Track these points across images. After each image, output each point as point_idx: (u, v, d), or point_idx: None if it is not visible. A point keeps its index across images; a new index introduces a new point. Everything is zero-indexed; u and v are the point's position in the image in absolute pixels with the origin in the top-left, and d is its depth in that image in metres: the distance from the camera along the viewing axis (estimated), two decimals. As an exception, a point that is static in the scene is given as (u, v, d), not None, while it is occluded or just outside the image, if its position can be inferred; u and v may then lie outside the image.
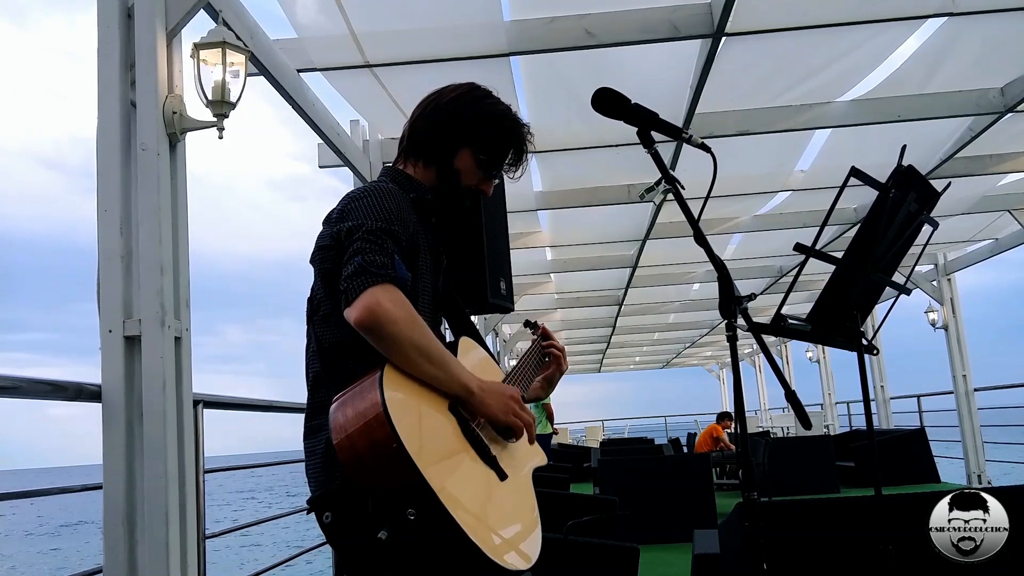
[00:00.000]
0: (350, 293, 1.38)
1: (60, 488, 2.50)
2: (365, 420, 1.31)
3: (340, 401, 1.37)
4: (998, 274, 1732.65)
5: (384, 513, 1.32)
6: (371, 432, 1.29)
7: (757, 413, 21.69)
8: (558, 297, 11.27)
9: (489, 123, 1.69)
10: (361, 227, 1.45)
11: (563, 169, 6.01)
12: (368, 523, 1.34)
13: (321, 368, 1.53)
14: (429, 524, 1.28)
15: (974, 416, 9.67)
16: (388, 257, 1.42)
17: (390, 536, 1.31)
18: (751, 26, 3.90)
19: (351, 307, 1.37)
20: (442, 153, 1.68)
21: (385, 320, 1.36)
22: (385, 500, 1.32)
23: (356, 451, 1.31)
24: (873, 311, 3.10)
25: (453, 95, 1.70)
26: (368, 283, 1.37)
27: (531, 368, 1.88)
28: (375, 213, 1.48)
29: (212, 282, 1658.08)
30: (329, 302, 1.50)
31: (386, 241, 1.44)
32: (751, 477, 1.62)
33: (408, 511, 1.28)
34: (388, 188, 1.57)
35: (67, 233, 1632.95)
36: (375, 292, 1.36)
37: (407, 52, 4.00)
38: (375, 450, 1.29)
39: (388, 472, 1.29)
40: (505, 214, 2.91)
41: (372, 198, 1.51)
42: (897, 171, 2.63)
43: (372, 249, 1.41)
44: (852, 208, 7.21)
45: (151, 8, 2.55)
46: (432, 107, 1.70)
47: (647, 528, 5.60)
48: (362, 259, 1.39)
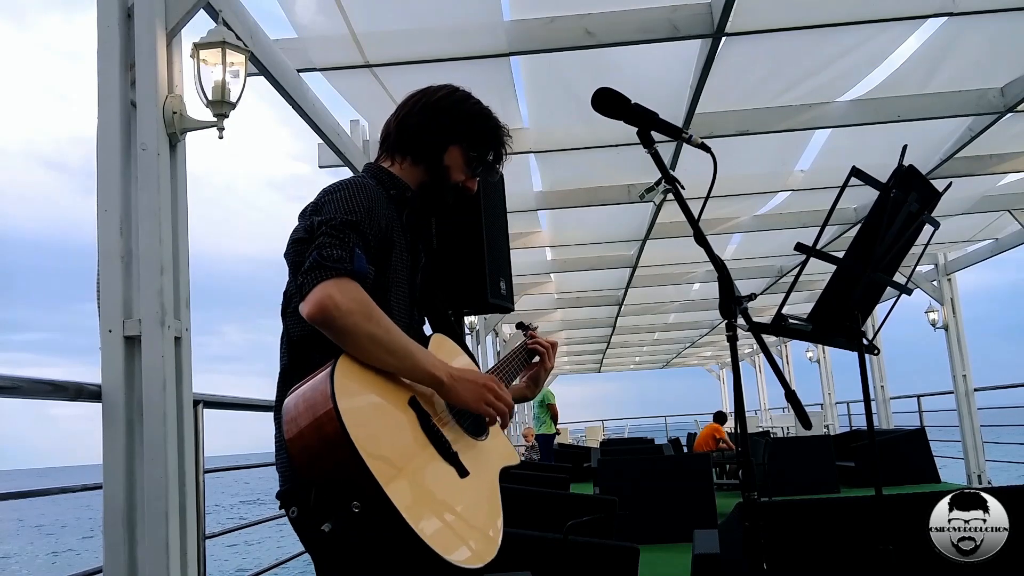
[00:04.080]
0: (304, 288, 1.38)
1: (60, 488, 2.50)
2: (315, 413, 1.30)
3: (293, 393, 1.37)
4: (998, 274, 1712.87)
5: (327, 506, 1.31)
6: (319, 422, 1.29)
7: (757, 413, 21.70)
8: (558, 297, 11.27)
9: (476, 121, 1.73)
10: (327, 222, 1.44)
11: (563, 169, 6.01)
12: (313, 516, 1.33)
13: (288, 361, 1.53)
14: (374, 517, 1.27)
15: (974, 416, 9.66)
16: (347, 251, 1.41)
17: (333, 529, 1.31)
18: (751, 26, 3.90)
19: (304, 302, 1.38)
20: (432, 150, 1.69)
21: (336, 314, 1.35)
22: (329, 493, 1.31)
23: (305, 444, 1.30)
24: (874, 311, 3.10)
25: (441, 94, 1.72)
26: (321, 277, 1.37)
27: (514, 366, 1.87)
28: (344, 207, 1.48)
29: (212, 282, 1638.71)
30: (297, 297, 1.50)
31: (348, 235, 1.43)
32: (751, 477, 1.61)
33: (352, 504, 1.28)
34: (363, 183, 1.57)
35: (67, 233, 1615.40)
36: (327, 286, 1.36)
37: (407, 52, 4.00)
38: (323, 443, 1.28)
39: (335, 465, 1.28)
40: (505, 214, 2.91)
41: (344, 192, 1.52)
42: (898, 171, 2.63)
43: (331, 243, 1.40)
44: (852, 208, 7.21)
45: (151, 8, 2.55)
46: (421, 105, 1.71)
47: (647, 528, 5.59)
48: (319, 254, 1.39)
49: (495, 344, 11.89)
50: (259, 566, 3.68)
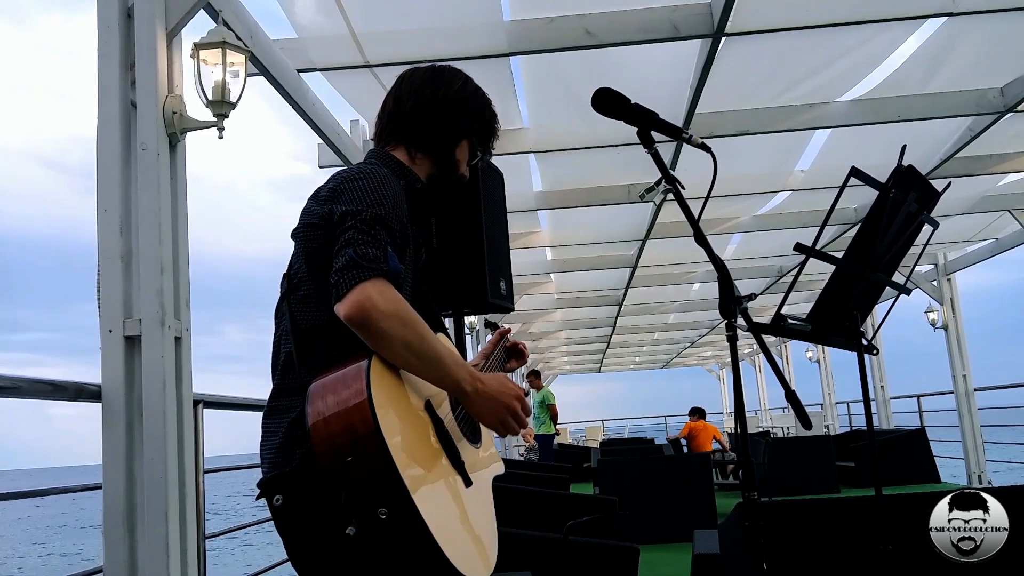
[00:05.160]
0: (341, 288, 1.33)
1: (60, 488, 2.51)
2: (346, 410, 1.27)
3: (321, 385, 1.33)
4: (998, 274, 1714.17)
5: (354, 508, 1.28)
6: (352, 423, 1.26)
7: (757, 413, 21.68)
8: (558, 297, 11.27)
9: (486, 114, 1.73)
10: (355, 214, 1.39)
11: (563, 169, 6.01)
12: (336, 516, 1.30)
13: (295, 348, 1.47)
14: (400, 526, 1.25)
15: (974, 416, 9.66)
16: (381, 249, 1.37)
17: (358, 532, 1.28)
18: (751, 26, 3.90)
19: (341, 302, 1.33)
20: (447, 143, 1.68)
21: (376, 316, 1.31)
22: (357, 495, 1.28)
23: (332, 438, 1.27)
24: (873, 311, 3.10)
25: (457, 86, 1.71)
26: (360, 278, 1.32)
27: (492, 368, 1.86)
28: (370, 199, 1.42)
29: (212, 282, 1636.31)
30: (312, 283, 1.46)
31: (380, 232, 1.39)
32: (751, 477, 1.61)
33: (380, 510, 1.25)
34: (383, 173, 1.51)
35: (67, 233, 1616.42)
36: (366, 288, 1.32)
37: (407, 52, 4.00)
38: (354, 442, 1.25)
39: (362, 466, 1.26)
40: (505, 214, 2.91)
41: (369, 182, 1.45)
42: (897, 171, 2.63)
43: (365, 240, 1.36)
44: (852, 208, 7.21)
45: (151, 8, 2.55)
46: (441, 96, 1.68)
47: (647, 528, 5.59)
48: (354, 252, 1.34)
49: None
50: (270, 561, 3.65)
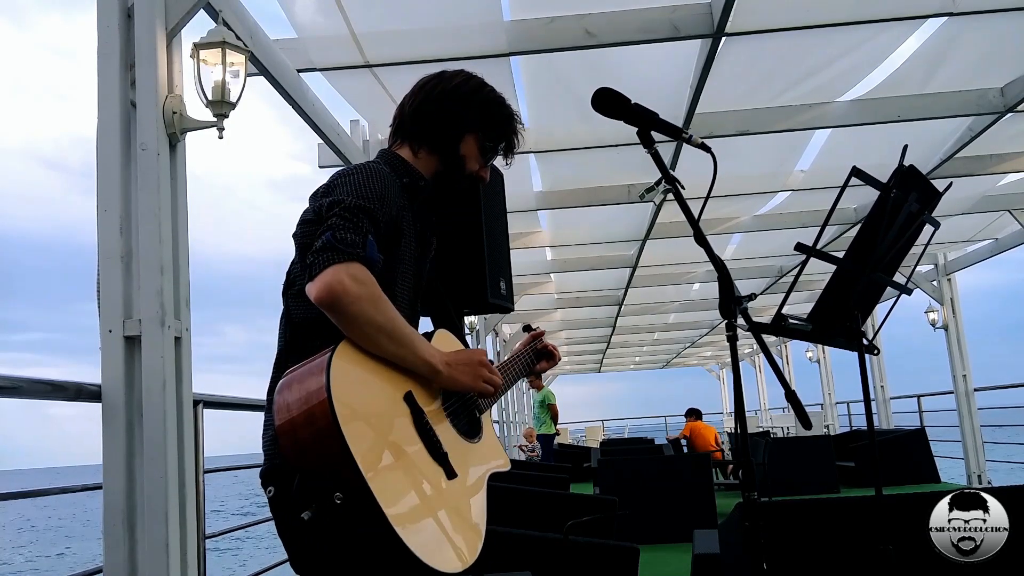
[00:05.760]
0: (314, 268, 1.36)
1: (60, 488, 2.51)
2: (308, 403, 1.29)
3: (287, 379, 1.35)
4: (998, 274, 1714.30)
5: (310, 493, 1.30)
6: (311, 413, 1.28)
7: (757, 413, 21.69)
8: (558, 297, 11.27)
9: (492, 109, 1.72)
10: (340, 203, 1.43)
11: (563, 169, 6.01)
12: (294, 501, 1.32)
13: (288, 342, 1.51)
14: (355, 510, 1.26)
15: (974, 416, 9.66)
16: (361, 236, 1.39)
17: (313, 517, 1.29)
18: (751, 26, 3.90)
19: (312, 282, 1.36)
20: (448, 139, 1.68)
21: (345, 299, 1.33)
22: (312, 480, 1.29)
23: (295, 431, 1.29)
24: (874, 311, 3.10)
25: (457, 81, 1.72)
26: (333, 259, 1.35)
27: (517, 369, 1.86)
28: (357, 191, 1.46)
29: (212, 282, 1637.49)
30: (304, 277, 1.47)
31: (361, 219, 1.41)
32: (751, 477, 1.61)
33: (335, 494, 1.26)
34: (377, 168, 1.55)
35: (67, 233, 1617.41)
36: (338, 269, 1.34)
37: (407, 52, 4.00)
38: (313, 432, 1.27)
39: (323, 454, 1.27)
40: (505, 214, 2.91)
41: (358, 176, 1.50)
42: (898, 171, 2.63)
43: (344, 226, 1.39)
44: (852, 208, 7.21)
45: (151, 8, 2.55)
46: (437, 93, 1.70)
47: (647, 528, 5.59)
48: (332, 235, 1.37)
49: (495, 344, 11.89)
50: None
